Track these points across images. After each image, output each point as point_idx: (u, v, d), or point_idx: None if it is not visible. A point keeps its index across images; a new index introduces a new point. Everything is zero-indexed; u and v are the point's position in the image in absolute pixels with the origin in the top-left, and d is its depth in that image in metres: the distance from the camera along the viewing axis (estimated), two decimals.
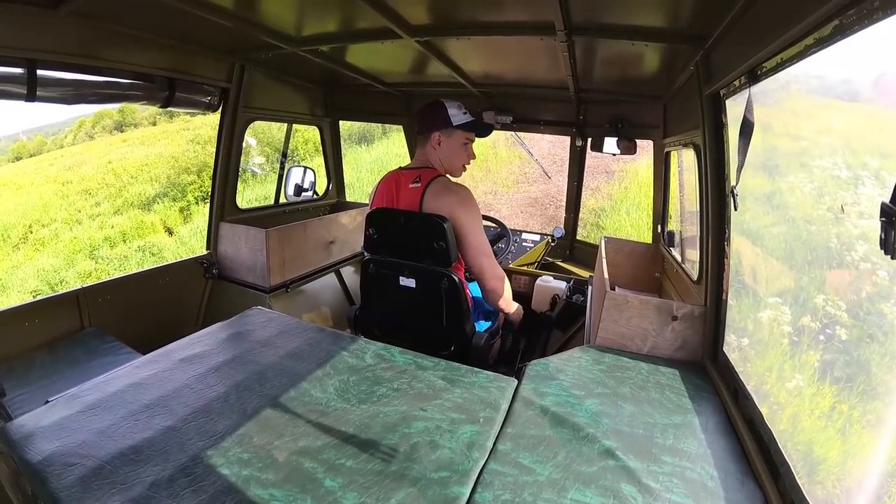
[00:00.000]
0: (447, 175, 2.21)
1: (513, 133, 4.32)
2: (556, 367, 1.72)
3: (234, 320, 1.97)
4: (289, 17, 2.09)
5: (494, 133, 2.60)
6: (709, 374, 1.74)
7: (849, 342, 4.80)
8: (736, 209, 1.67)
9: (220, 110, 2.85)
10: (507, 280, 2.27)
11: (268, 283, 2.78)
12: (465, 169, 2.31)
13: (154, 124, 20.81)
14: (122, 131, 21.13)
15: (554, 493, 1.13)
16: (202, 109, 2.80)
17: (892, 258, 0.86)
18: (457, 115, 2.19)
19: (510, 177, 12.14)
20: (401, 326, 2.34)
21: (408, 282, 2.15)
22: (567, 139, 3.39)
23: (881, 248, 0.86)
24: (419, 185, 2.10)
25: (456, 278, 2.06)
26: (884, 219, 0.85)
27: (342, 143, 3.93)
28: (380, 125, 14.38)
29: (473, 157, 2.31)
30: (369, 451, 1.24)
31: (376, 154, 13.91)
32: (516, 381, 1.61)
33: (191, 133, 18.09)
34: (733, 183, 1.62)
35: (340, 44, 2.38)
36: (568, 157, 3.50)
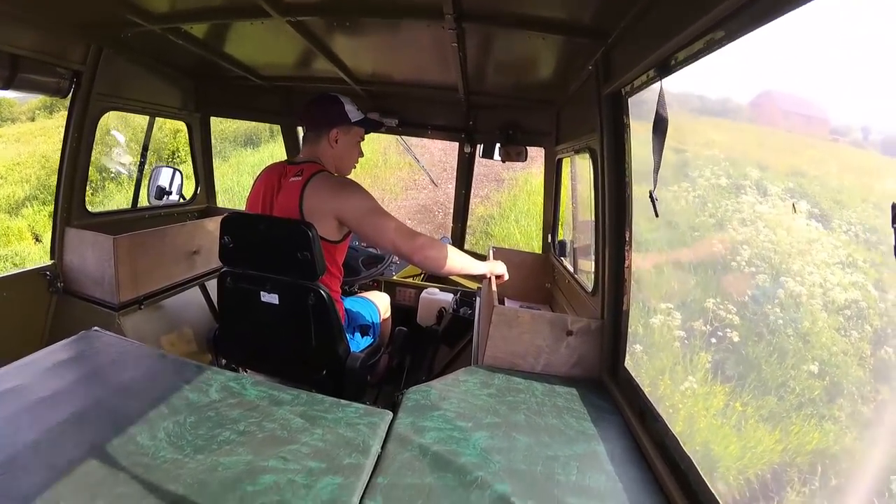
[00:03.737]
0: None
1: (399, 138, 4.19)
2: (439, 393, 1.53)
3: (64, 345, 1.65)
4: None
5: (385, 138, 2.47)
6: (609, 391, 1.63)
7: (739, 343, 5.07)
8: (657, 216, 1.56)
9: (70, 96, 2.47)
10: (437, 242, 2.03)
11: (116, 300, 2.42)
12: (354, 167, 2.22)
13: (32, 120, 18.98)
14: None
15: None
16: (49, 94, 2.43)
17: None
18: (353, 111, 2.08)
19: (399, 183, 12.11)
20: (266, 348, 2.08)
21: (270, 297, 1.89)
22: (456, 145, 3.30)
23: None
24: (300, 178, 1.92)
25: (324, 293, 1.83)
26: None
27: (226, 144, 3.59)
28: (268, 129, 13.87)
29: (362, 154, 2.22)
30: None
31: (261, 157, 13.34)
32: (391, 415, 1.40)
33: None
34: (651, 187, 1.51)
35: (205, 22, 2.11)
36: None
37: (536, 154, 3.20)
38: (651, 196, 1.52)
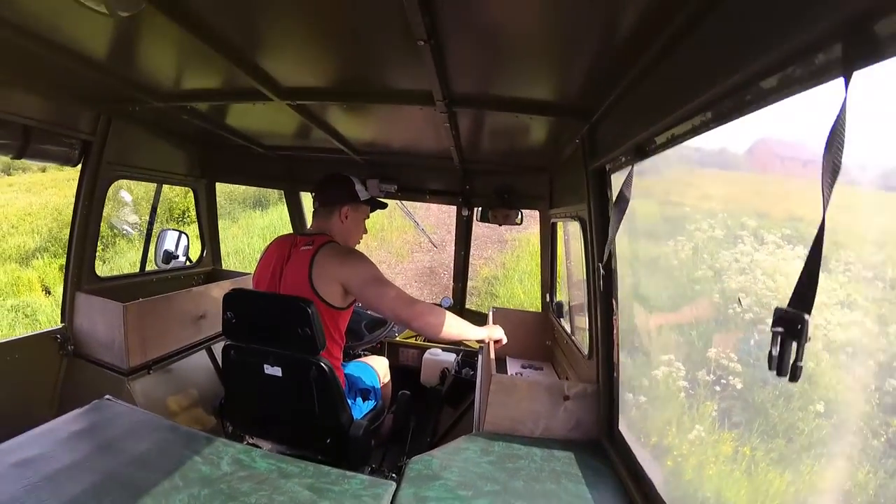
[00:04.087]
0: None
1: (400, 203, 4.27)
2: (441, 462, 1.56)
3: (77, 414, 1.70)
4: (155, 70, 1.90)
5: (390, 201, 2.51)
6: (607, 453, 1.66)
7: (743, 389, 5.00)
8: (603, 290, 1.66)
9: (80, 165, 2.54)
10: (436, 309, 2.07)
11: (126, 365, 2.45)
12: (359, 242, 2.33)
13: (43, 170, 19.15)
14: (9, 174, 19.32)
15: None
16: (60, 163, 2.51)
17: (789, 380, 0.71)
18: (362, 191, 2.23)
19: (405, 245, 12.12)
20: (271, 417, 2.11)
21: (273, 370, 1.93)
22: None
23: (770, 368, 0.73)
24: (311, 248, 2.03)
25: (325, 366, 1.88)
26: (780, 329, 0.72)
27: (236, 206, 3.66)
28: (277, 191, 14.12)
29: (366, 231, 2.34)
30: None
31: (270, 219, 13.50)
32: (395, 485, 1.43)
33: (75, 184, 16.69)
34: (601, 260, 1.60)
35: (209, 102, 2.22)
36: None
37: (533, 216, 3.24)
38: (609, 250, 1.60)
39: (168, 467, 1.44)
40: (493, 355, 2.06)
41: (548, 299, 2.99)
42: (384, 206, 2.42)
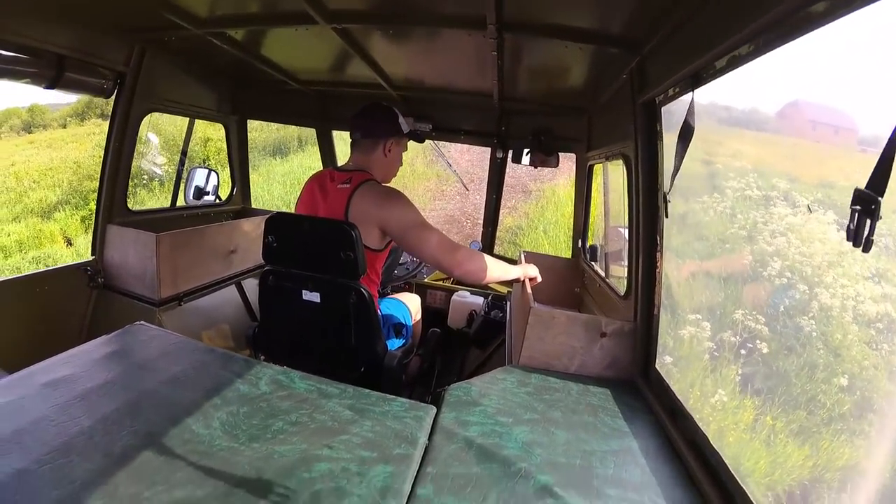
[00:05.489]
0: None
1: (433, 143, 4.20)
2: (479, 390, 1.56)
3: (111, 337, 1.69)
4: None
5: (413, 147, 2.52)
6: (641, 392, 1.65)
7: (768, 355, 4.95)
8: (667, 217, 1.62)
9: (114, 97, 2.51)
10: (475, 254, 2.05)
11: (157, 296, 2.46)
12: (396, 176, 2.27)
13: (64, 126, 19.29)
14: (30, 132, 19.56)
15: None
16: (94, 94, 2.47)
17: (863, 250, 0.82)
18: (404, 123, 2.14)
19: (427, 193, 12.09)
20: (305, 346, 2.10)
21: (311, 296, 1.92)
22: (486, 156, 3.33)
23: (848, 239, 0.83)
24: (348, 185, 1.96)
25: (365, 292, 1.86)
26: (857, 207, 0.81)
27: (255, 153, 3.65)
28: (296, 139, 14.08)
29: (402, 164, 2.28)
30: (260, 502, 1.02)
31: (290, 166, 13.52)
32: (435, 409, 1.43)
33: (99, 137, 16.76)
34: (666, 189, 1.55)
35: (251, 27, 2.16)
36: (486, 174, 3.42)
37: (563, 166, 3.19)
38: (665, 198, 1.58)
39: (206, 386, 1.43)
40: (529, 291, 2.03)
41: (579, 245, 2.95)
42: (422, 139, 2.37)
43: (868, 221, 0.79)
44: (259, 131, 13.96)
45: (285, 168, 13.46)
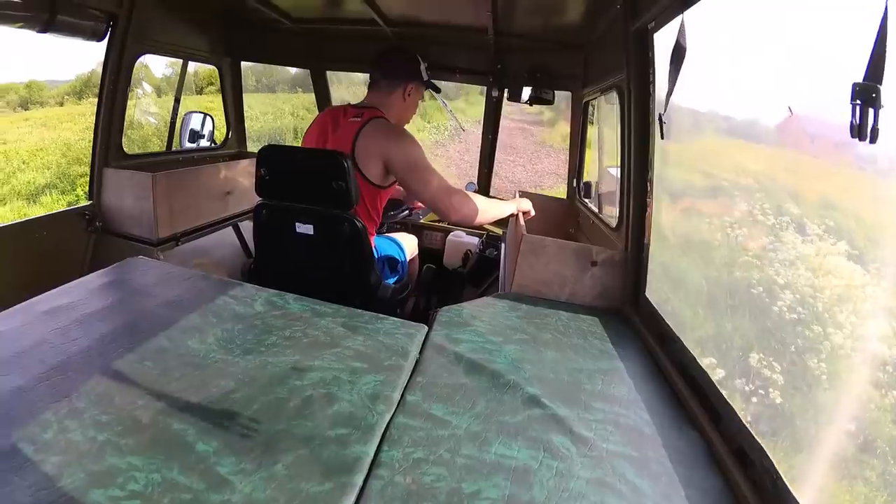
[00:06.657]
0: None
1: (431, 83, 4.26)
2: (471, 313, 1.61)
3: (109, 269, 1.74)
4: None
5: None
6: (631, 320, 1.69)
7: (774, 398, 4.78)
8: (662, 138, 1.63)
9: (106, 40, 2.49)
10: (469, 198, 2.07)
11: (155, 236, 2.49)
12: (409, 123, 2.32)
13: (61, 104, 18.90)
14: (26, 109, 19.35)
15: (475, 448, 1.00)
16: (86, 36, 2.43)
17: (869, 142, 0.82)
18: (424, 71, 2.20)
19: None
20: (300, 279, 2.12)
21: (305, 228, 1.95)
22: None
23: (853, 136, 0.82)
24: (359, 119, 1.99)
25: (358, 223, 1.89)
26: (858, 101, 0.81)
27: (251, 145, 3.65)
28: (292, 129, 14.60)
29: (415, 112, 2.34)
30: (252, 407, 1.07)
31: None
32: (426, 328, 1.49)
33: (91, 119, 16.76)
34: (661, 110, 1.58)
35: None
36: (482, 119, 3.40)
37: (553, 117, 3.22)
38: (660, 118, 1.59)
39: (202, 308, 1.48)
40: (522, 222, 2.05)
41: (574, 184, 2.96)
42: (439, 90, 2.44)
43: (871, 111, 0.80)
44: (254, 121, 14.28)
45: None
